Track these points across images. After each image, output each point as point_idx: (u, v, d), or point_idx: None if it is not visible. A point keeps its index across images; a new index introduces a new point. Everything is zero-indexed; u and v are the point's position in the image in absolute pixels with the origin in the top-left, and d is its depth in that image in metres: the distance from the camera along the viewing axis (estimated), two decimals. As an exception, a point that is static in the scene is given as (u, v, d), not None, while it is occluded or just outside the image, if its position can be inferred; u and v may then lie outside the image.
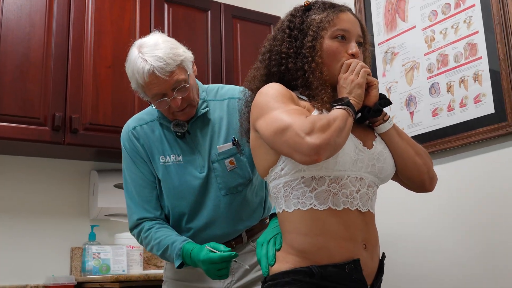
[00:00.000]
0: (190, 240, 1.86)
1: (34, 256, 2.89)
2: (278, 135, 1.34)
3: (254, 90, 1.54)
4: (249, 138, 1.56)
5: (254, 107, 1.46)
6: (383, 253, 1.55)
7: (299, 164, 1.39)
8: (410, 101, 2.54)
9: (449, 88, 2.38)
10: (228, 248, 1.71)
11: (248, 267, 1.87)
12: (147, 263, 3.16)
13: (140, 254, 3.02)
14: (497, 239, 2.16)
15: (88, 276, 2.81)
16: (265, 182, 2.00)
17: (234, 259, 1.64)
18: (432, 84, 2.45)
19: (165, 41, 1.88)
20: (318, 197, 1.41)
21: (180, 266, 1.83)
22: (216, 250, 1.73)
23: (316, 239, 1.40)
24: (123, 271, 2.89)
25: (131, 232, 2.00)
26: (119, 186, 3.02)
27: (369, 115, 1.50)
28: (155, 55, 1.82)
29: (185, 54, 1.90)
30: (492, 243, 2.17)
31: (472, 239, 2.24)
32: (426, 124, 2.45)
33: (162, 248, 1.87)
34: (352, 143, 1.44)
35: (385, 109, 1.56)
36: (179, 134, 1.94)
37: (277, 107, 1.39)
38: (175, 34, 3.00)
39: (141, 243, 1.98)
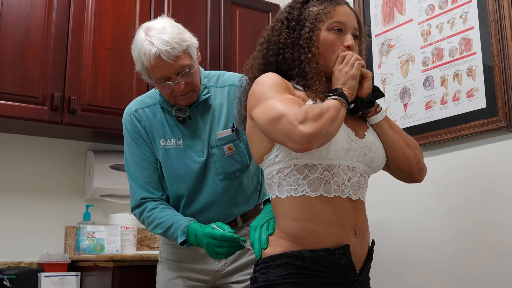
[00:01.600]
0: (196, 220, 1.89)
1: (29, 234, 2.92)
2: (273, 123, 1.36)
3: (252, 79, 1.56)
4: (245, 126, 1.58)
5: (251, 96, 1.49)
6: (373, 240, 1.57)
7: (292, 152, 1.42)
8: (404, 93, 2.57)
9: (443, 82, 2.41)
10: (232, 230, 1.72)
11: (251, 248, 1.92)
12: (140, 244, 3.19)
13: (134, 235, 3.05)
14: (485, 231, 2.20)
15: (82, 255, 2.84)
16: (260, 169, 2.05)
17: (239, 241, 1.66)
18: (427, 77, 2.48)
19: (172, 25, 1.90)
20: (310, 184, 1.44)
21: (182, 243, 1.85)
22: (220, 228, 1.74)
23: (307, 224, 1.43)
24: (117, 251, 2.92)
25: (132, 211, 2.02)
26: (115, 167, 3.05)
27: (362, 106, 1.52)
28: (162, 39, 1.84)
29: (191, 40, 1.91)
30: (479, 234, 2.22)
31: (459, 228, 2.29)
32: (419, 116, 2.48)
33: (166, 226, 1.89)
34: (345, 133, 1.46)
35: (379, 101, 1.59)
36: (180, 118, 1.96)
37: (272, 96, 1.41)
38: (175, 18, 3.02)
39: (142, 222, 2.00)
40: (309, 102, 1.48)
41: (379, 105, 1.57)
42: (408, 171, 1.58)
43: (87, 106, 2.79)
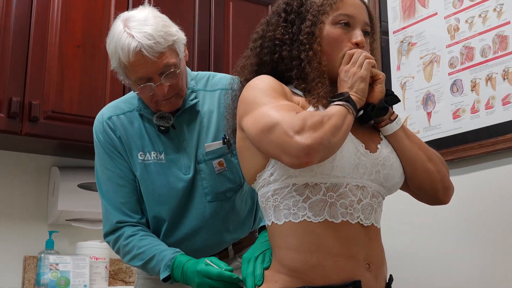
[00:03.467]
0: (183, 252, 1.88)
1: (-20, 265, 2.92)
2: (265, 133, 1.36)
3: (243, 82, 1.57)
4: (236, 138, 1.58)
5: (241, 103, 1.49)
6: (390, 275, 1.57)
7: (290, 168, 1.42)
8: (427, 100, 2.57)
9: (474, 87, 2.41)
10: (230, 268, 1.71)
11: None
12: (113, 277, 3.18)
13: (106, 267, 3.04)
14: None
15: (43, 291, 2.83)
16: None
17: (238, 282, 1.65)
18: (454, 81, 2.48)
19: (156, 16, 1.89)
20: (312, 208, 1.44)
21: (166, 280, 1.84)
22: (216, 265, 1.74)
23: (309, 256, 1.42)
24: (85, 286, 2.90)
25: (105, 238, 2.01)
26: (84, 186, 3.05)
27: (373, 113, 1.52)
28: (143, 31, 1.83)
29: (178, 34, 1.91)
30: (516, 269, 2.22)
31: (494, 262, 2.28)
32: (446, 127, 2.49)
33: (146, 258, 1.89)
34: (353, 146, 1.46)
35: (397, 110, 1.59)
36: (162, 128, 1.97)
37: (265, 102, 1.41)
38: (159, 8, 3.02)
39: (117, 251, 1.99)
40: (310, 109, 1.48)
41: (393, 112, 1.57)
42: (431, 191, 1.58)
43: (52, 114, 2.79)
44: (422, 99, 2.59)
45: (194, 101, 2.00)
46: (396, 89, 2.68)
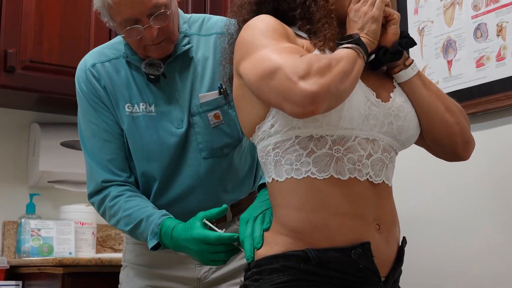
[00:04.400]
0: (171, 215, 1.89)
1: (-45, 230, 2.94)
2: (265, 79, 1.36)
3: (241, 24, 1.56)
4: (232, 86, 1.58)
5: (238, 46, 1.49)
6: (404, 237, 1.58)
7: (293, 119, 1.42)
8: (448, 47, 2.56)
9: (500, 31, 2.39)
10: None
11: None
12: (101, 244, 3.21)
13: (93, 232, 3.06)
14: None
15: (24, 259, 2.85)
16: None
17: (237, 243, 1.67)
18: (478, 25, 2.46)
19: None
20: (317, 163, 1.44)
21: (154, 248, 1.86)
22: (209, 223, 1.76)
23: (313, 215, 1.43)
24: (70, 253, 2.93)
25: (89, 199, 2.03)
26: (67, 144, 3.05)
27: (385, 58, 1.52)
28: None
29: None
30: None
31: (518, 227, 2.29)
32: (468, 76, 2.47)
33: (133, 222, 1.90)
34: (363, 94, 1.46)
35: (413, 55, 1.58)
36: (152, 77, 1.97)
37: (266, 44, 1.41)
38: None
39: (103, 214, 2.01)
40: (316, 52, 1.47)
41: (408, 56, 1.56)
42: (449, 145, 1.58)
43: (30, 64, 2.80)
44: (442, 46, 2.58)
45: (187, 46, 2.00)
46: (413, 35, 2.66)
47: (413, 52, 2.60)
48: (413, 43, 1.54)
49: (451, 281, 2.46)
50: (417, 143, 1.62)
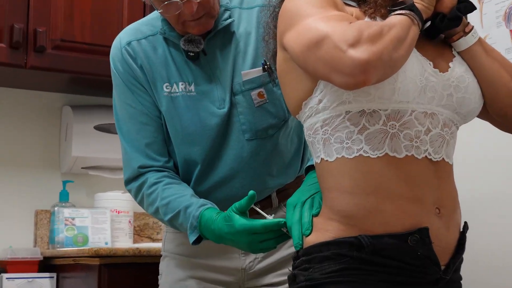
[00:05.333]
0: (210, 203, 1.90)
1: (-15, 221, 2.99)
2: (312, 49, 1.35)
3: (284, -6, 1.56)
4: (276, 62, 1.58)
5: (282, 17, 1.48)
6: (465, 222, 1.56)
7: (342, 93, 1.41)
8: (511, 15, 2.52)
9: None
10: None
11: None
12: (138, 234, 3.24)
13: (130, 221, 3.09)
14: None
15: (58, 249, 2.89)
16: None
17: (282, 228, 1.67)
18: (545, -11, 2.43)
19: None
20: (370, 140, 1.43)
21: (196, 242, 1.87)
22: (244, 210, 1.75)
23: (366, 199, 1.42)
24: (106, 243, 2.97)
25: (126, 186, 2.05)
26: (102, 128, 3.08)
27: (443, 25, 1.50)
28: None
29: None
30: None
31: None
32: (534, 47, 2.45)
33: (171, 213, 1.92)
34: (419, 64, 1.45)
35: (472, 22, 1.55)
36: (191, 54, 1.98)
37: (311, 13, 1.40)
38: None
39: (141, 202, 2.03)
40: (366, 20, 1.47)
41: (468, 23, 1.54)
42: (517, 118, 1.58)
43: (60, 43, 2.83)
44: (504, 14, 2.55)
45: (229, 20, 2.00)
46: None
47: (471, 21, 2.55)
48: (472, 8, 1.52)
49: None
50: (480, 116, 1.60)
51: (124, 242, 3.04)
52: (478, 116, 1.60)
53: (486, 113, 1.60)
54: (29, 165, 3.11)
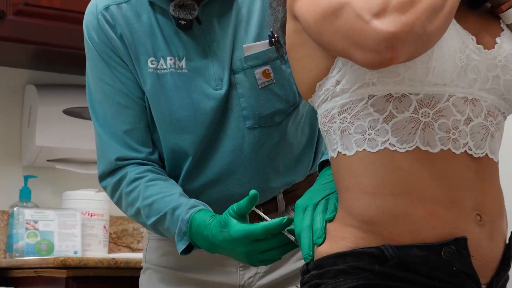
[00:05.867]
0: (203, 205, 1.90)
1: None
2: (328, 19, 1.36)
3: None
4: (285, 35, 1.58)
5: None
6: (512, 232, 1.57)
7: (365, 72, 1.42)
8: None
9: None
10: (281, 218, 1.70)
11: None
12: (115, 242, 3.24)
13: (105, 226, 3.09)
14: None
15: (17, 259, 2.89)
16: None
17: (284, 230, 1.67)
18: None
19: None
20: (397, 131, 1.43)
21: (186, 251, 1.87)
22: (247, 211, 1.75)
23: (392, 201, 1.42)
24: (75, 252, 2.97)
25: (101, 182, 2.05)
26: (71, 112, 3.09)
27: None
28: None
29: None
30: None
31: None
32: None
33: (155, 215, 1.92)
34: (459, 39, 1.45)
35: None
36: (183, 23, 1.97)
37: None
38: None
39: (118, 201, 2.04)
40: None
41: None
42: None
43: (24, 7, 2.83)
44: None
45: None
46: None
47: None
48: None
49: None
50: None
51: (98, 252, 3.05)
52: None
53: None
54: (-16, 156, 3.13)
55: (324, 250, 1.47)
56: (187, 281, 2.07)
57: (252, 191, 1.71)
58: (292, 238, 1.67)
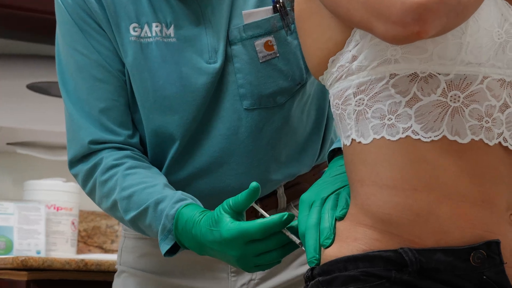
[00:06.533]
0: (191, 198, 1.89)
1: None
2: None
3: None
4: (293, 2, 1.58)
5: None
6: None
7: (387, 47, 1.42)
8: None
9: None
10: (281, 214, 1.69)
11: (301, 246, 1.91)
12: (85, 242, 3.25)
13: (73, 223, 3.09)
14: None
15: (-30, 258, 2.90)
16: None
17: (284, 229, 1.67)
18: None
19: None
20: (422, 116, 1.43)
21: (170, 252, 1.87)
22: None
23: (413, 197, 1.43)
24: (38, 252, 2.97)
25: (71, 169, 2.06)
26: (37, 88, 3.09)
27: None
28: None
29: None
30: None
31: None
32: None
33: (134, 210, 1.92)
34: (497, 11, 1.45)
35: None
36: None
37: None
38: None
39: (91, 192, 2.04)
40: None
41: None
42: None
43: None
44: None
45: None
46: None
47: None
48: None
49: None
50: None
51: (64, 252, 3.05)
52: None
53: None
54: None
55: (332, 253, 1.48)
56: (169, 287, 2.08)
57: (253, 184, 1.70)
58: (295, 238, 1.67)
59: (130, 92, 2.04)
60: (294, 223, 1.67)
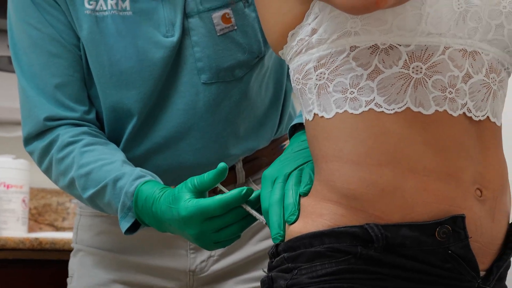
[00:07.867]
0: (150, 175, 1.89)
1: None
2: None
3: None
4: None
5: None
6: (517, 211, 1.57)
7: (346, 19, 1.42)
8: None
9: None
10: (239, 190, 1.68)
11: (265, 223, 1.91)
12: (35, 220, 3.24)
13: (24, 200, 3.08)
14: None
15: None
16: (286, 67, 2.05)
17: (243, 204, 1.66)
18: None
19: None
20: (384, 89, 1.43)
21: (131, 230, 1.87)
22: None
23: (378, 172, 1.43)
24: (-12, 231, 2.98)
25: (27, 146, 2.06)
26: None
27: None
28: None
29: None
30: None
31: None
32: None
33: (93, 187, 1.92)
34: (456, -20, 1.44)
35: None
36: None
37: None
38: None
39: (47, 170, 2.04)
40: None
41: None
42: None
43: None
44: None
45: None
46: None
47: None
48: None
49: None
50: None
51: (15, 230, 3.05)
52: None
53: None
54: None
55: (297, 229, 1.49)
56: (128, 265, 2.09)
57: (221, 164, 1.69)
58: (255, 213, 1.66)
59: (85, 67, 2.04)
60: (253, 196, 1.67)
